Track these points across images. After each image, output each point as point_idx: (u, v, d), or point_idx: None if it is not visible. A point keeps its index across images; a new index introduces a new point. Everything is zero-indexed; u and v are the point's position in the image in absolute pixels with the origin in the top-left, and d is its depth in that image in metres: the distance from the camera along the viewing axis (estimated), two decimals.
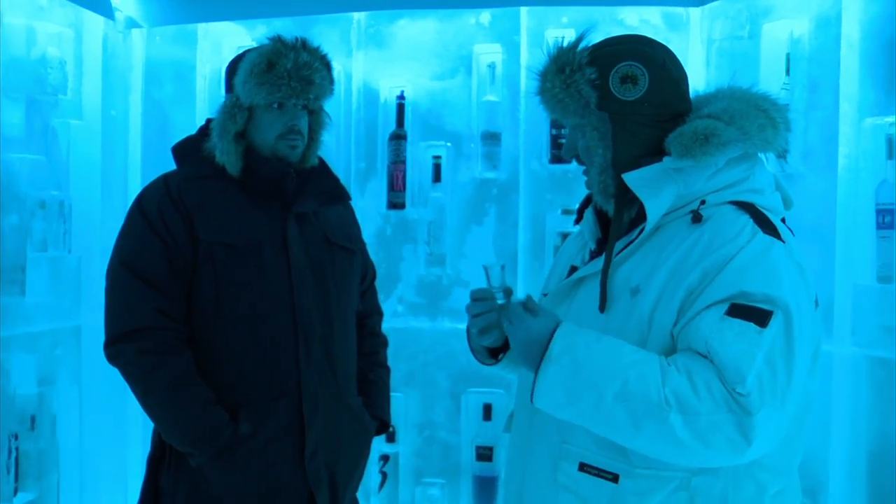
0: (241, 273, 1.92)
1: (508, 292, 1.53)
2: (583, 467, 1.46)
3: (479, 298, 1.53)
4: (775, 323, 1.33)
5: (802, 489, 2.36)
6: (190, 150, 2.00)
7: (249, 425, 1.91)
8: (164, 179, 1.98)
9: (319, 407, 1.97)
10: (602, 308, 1.46)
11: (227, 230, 1.92)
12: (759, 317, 1.34)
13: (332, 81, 1.98)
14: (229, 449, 1.89)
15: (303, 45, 1.93)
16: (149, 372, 1.87)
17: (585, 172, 1.56)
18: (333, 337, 1.99)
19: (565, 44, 1.51)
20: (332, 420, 2.00)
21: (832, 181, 2.37)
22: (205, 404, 1.88)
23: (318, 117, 2.02)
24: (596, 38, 1.52)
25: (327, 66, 1.96)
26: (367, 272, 2.23)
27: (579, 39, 1.51)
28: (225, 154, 1.93)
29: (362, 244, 2.20)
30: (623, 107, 1.47)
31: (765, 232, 1.39)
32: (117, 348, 1.90)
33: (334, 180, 2.10)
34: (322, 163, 2.07)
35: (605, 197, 1.49)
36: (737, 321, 1.33)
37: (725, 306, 1.34)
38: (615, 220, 1.49)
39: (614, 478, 1.43)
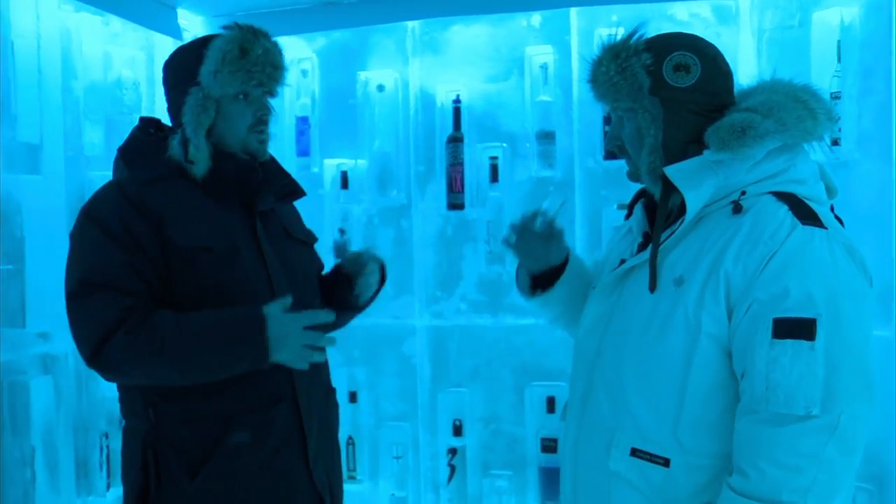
0: (223, 276, 1.77)
1: (555, 231, 1.73)
2: (634, 452, 1.50)
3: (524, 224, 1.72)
4: (822, 329, 1.35)
5: (867, 475, 2.37)
6: (141, 152, 1.84)
7: (247, 434, 1.77)
8: (118, 185, 1.79)
9: (314, 409, 1.88)
10: (652, 288, 1.51)
11: (203, 233, 1.77)
12: (806, 329, 1.36)
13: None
14: (229, 463, 1.75)
15: (262, 32, 1.79)
16: (150, 338, 1.67)
17: (629, 162, 1.60)
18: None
19: (619, 36, 1.56)
20: (324, 419, 1.93)
21: (888, 167, 2.35)
22: (219, 314, 1.70)
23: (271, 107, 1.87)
24: (648, 33, 1.56)
25: (281, 51, 1.83)
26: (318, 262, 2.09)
27: (634, 31, 1.55)
28: (198, 151, 1.77)
29: (314, 236, 2.06)
30: (675, 93, 1.51)
31: (804, 223, 1.41)
32: (103, 355, 1.68)
33: (288, 175, 1.95)
34: (272, 157, 1.92)
35: (653, 178, 1.54)
36: (788, 343, 1.36)
37: (770, 327, 1.37)
38: (661, 203, 1.54)
39: (665, 462, 1.48)
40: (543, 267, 1.78)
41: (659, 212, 1.54)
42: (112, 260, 1.69)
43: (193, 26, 3.08)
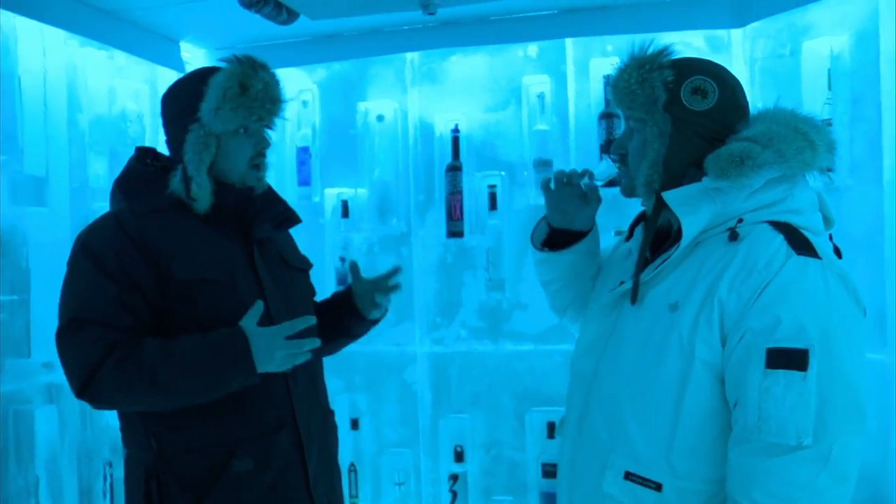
0: (222, 306, 1.77)
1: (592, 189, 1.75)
2: (628, 476, 1.51)
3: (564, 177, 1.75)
4: (814, 360, 1.36)
5: (865, 499, 2.38)
6: (139, 183, 1.84)
7: (250, 460, 1.78)
8: (115, 217, 1.78)
9: (313, 433, 1.89)
10: (633, 300, 1.54)
11: (201, 265, 1.78)
12: (798, 360, 1.37)
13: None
14: (233, 490, 1.76)
15: (261, 64, 1.80)
16: (138, 368, 1.67)
17: (625, 174, 1.63)
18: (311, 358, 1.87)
19: (645, 49, 1.58)
20: (324, 442, 1.94)
21: (879, 191, 2.38)
22: (202, 338, 1.71)
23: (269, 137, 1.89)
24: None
25: (279, 82, 1.84)
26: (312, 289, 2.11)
27: (665, 48, 1.58)
28: (201, 188, 1.78)
29: (310, 263, 2.07)
30: (687, 114, 1.54)
31: (798, 253, 1.43)
32: (91, 388, 1.69)
33: (283, 203, 1.97)
34: (269, 185, 1.94)
35: (648, 191, 1.56)
36: (780, 373, 1.37)
37: (763, 356, 1.38)
38: (652, 218, 1.57)
39: (658, 486, 1.48)
40: (565, 226, 1.78)
41: (648, 226, 1.57)
42: (103, 295, 1.69)
43: (196, 59, 3.14)
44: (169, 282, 1.73)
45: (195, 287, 1.75)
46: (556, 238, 1.81)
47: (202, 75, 1.80)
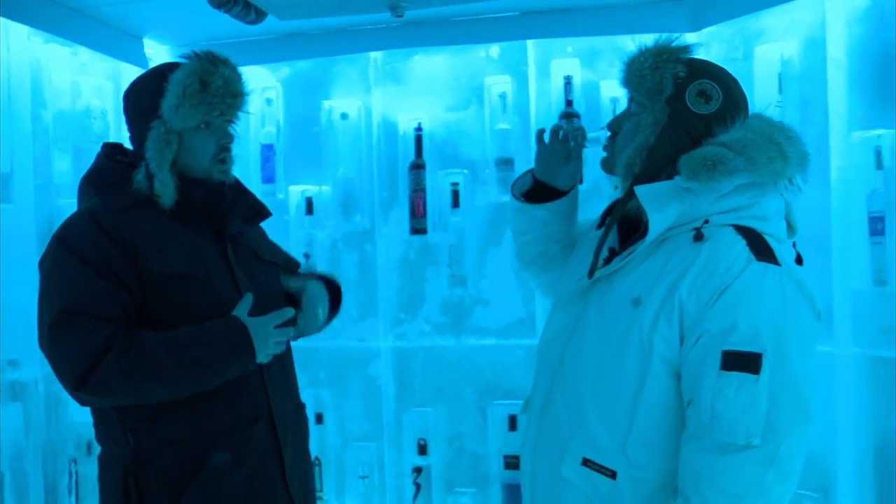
0: (198, 301, 1.81)
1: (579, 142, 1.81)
2: (586, 462, 1.58)
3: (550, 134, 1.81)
4: (766, 364, 1.43)
5: (812, 484, 2.50)
6: (110, 179, 1.85)
7: (228, 454, 1.81)
8: (90, 213, 1.80)
9: (287, 425, 1.93)
10: (590, 275, 1.62)
11: (176, 260, 1.80)
12: (752, 363, 1.43)
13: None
14: (211, 483, 1.79)
15: (221, 59, 1.82)
16: (141, 360, 1.70)
17: (609, 151, 1.69)
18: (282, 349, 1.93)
19: (674, 42, 1.63)
20: (297, 434, 1.98)
21: (826, 192, 2.50)
22: (201, 329, 1.75)
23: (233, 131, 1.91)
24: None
25: (240, 76, 1.86)
26: (291, 264, 2.14)
27: (688, 46, 1.63)
28: (164, 185, 1.80)
29: (282, 254, 2.11)
30: (685, 112, 1.58)
31: (759, 258, 1.48)
32: (91, 382, 1.70)
33: (253, 197, 2.00)
34: (236, 179, 1.96)
35: (627, 172, 1.62)
36: (734, 375, 1.43)
37: (718, 358, 1.44)
38: (621, 202, 1.62)
39: (612, 474, 1.55)
40: (548, 180, 1.83)
41: (616, 209, 1.63)
42: (91, 288, 1.71)
43: (159, 56, 3.14)
44: (146, 277, 1.75)
45: (172, 282, 1.77)
46: (537, 193, 1.86)
47: (162, 72, 1.82)
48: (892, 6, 2.33)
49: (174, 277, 1.78)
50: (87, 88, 2.83)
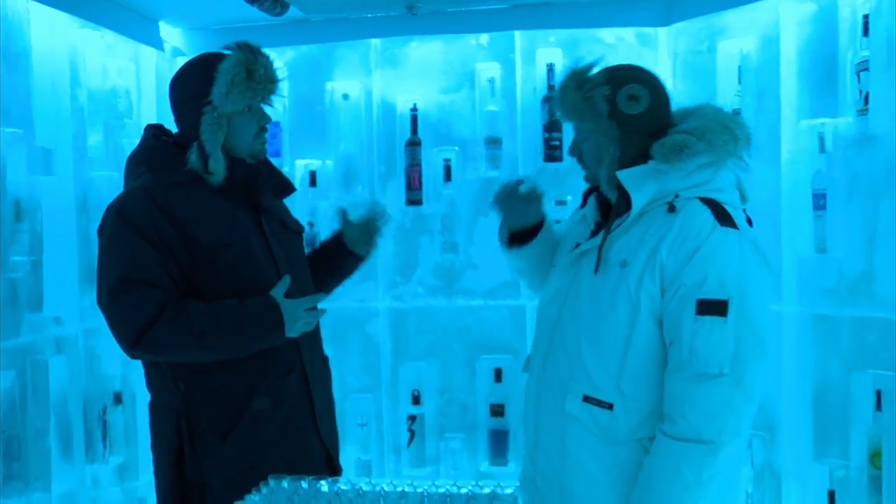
0: (240, 269, 2.00)
1: (536, 194, 2.02)
2: (586, 399, 1.84)
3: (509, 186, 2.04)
4: (732, 307, 1.71)
5: (761, 425, 2.83)
6: (163, 158, 2.04)
7: (267, 400, 2.02)
8: (144, 189, 1.98)
9: (317, 376, 2.14)
10: (596, 270, 1.85)
11: (222, 232, 1.99)
12: (720, 308, 1.71)
13: None
14: (253, 426, 2.01)
15: (258, 49, 2.01)
16: (189, 327, 1.91)
17: (585, 168, 1.93)
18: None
19: (578, 66, 1.86)
20: (324, 384, 2.21)
21: (777, 171, 2.76)
22: (242, 304, 1.96)
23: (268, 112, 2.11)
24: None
25: (274, 64, 2.06)
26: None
27: (592, 65, 1.87)
28: (217, 163, 1.98)
29: (302, 226, 2.33)
30: (628, 118, 1.83)
31: (722, 224, 1.76)
32: (144, 343, 1.91)
33: (281, 174, 2.19)
34: (267, 158, 2.17)
35: (611, 187, 1.87)
36: (707, 318, 1.70)
37: (694, 305, 1.71)
38: (616, 205, 1.87)
39: (610, 406, 1.82)
40: (522, 225, 2.07)
41: (613, 212, 1.88)
42: (146, 258, 1.92)
43: (173, 38, 3.35)
44: (193, 246, 1.96)
45: (217, 251, 1.98)
46: (517, 236, 2.10)
47: (209, 62, 2.02)
48: (836, 14, 2.59)
49: (218, 247, 1.98)
50: (113, 69, 3.01)
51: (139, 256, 1.93)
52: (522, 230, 2.09)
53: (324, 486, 1.67)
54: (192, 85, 2.04)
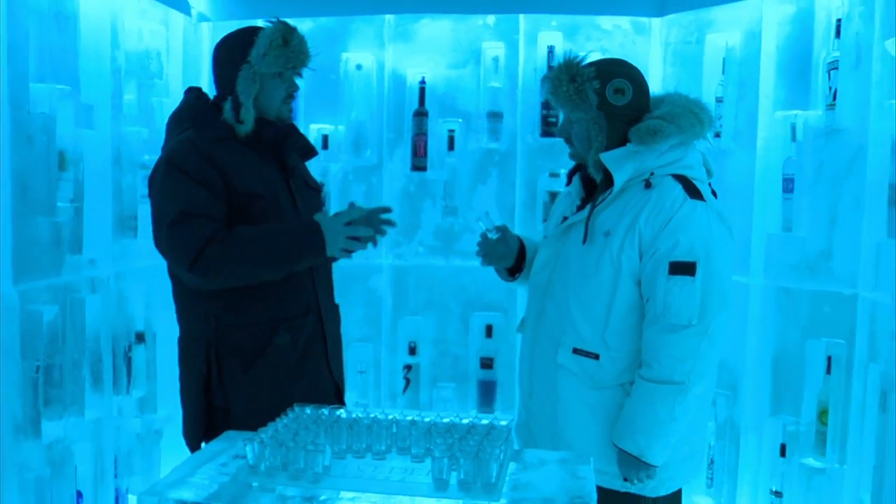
0: (269, 218, 2.17)
1: (500, 229, 2.26)
2: (575, 351, 2.10)
3: (483, 240, 2.30)
4: (699, 269, 1.97)
5: (725, 384, 3.11)
6: (204, 115, 2.22)
7: (287, 336, 2.21)
8: (189, 141, 2.16)
9: (329, 318, 2.31)
10: (584, 241, 2.09)
11: (255, 182, 2.17)
12: (689, 269, 1.96)
13: None
14: (274, 359, 2.20)
15: (294, 28, 2.23)
16: (240, 245, 2.10)
17: (572, 148, 2.15)
18: (327, 259, 2.32)
19: (571, 58, 2.07)
20: (336, 326, 2.39)
21: (752, 156, 2.99)
22: (284, 224, 2.19)
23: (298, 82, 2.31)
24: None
25: (306, 41, 2.27)
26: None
27: (582, 58, 2.08)
28: (248, 113, 2.16)
29: (319, 184, 2.51)
30: (614, 109, 2.07)
31: (691, 197, 2.01)
32: (202, 261, 2.08)
33: (305, 138, 2.35)
34: (293, 124, 2.35)
35: (597, 169, 2.11)
36: (678, 278, 1.95)
37: (667, 267, 1.96)
38: (601, 185, 2.12)
39: (596, 356, 2.08)
40: (511, 262, 2.33)
41: (598, 191, 2.13)
42: (199, 196, 2.13)
43: (199, 3, 3.55)
44: (231, 193, 2.16)
45: (250, 200, 2.17)
46: (511, 267, 2.36)
47: (251, 31, 2.25)
48: (812, 16, 2.82)
49: (252, 196, 2.18)
50: (146, 32, 3.20)
51: (192, 194, 2.12)
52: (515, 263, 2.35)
53: (343, 413, 1.89)
54: (234, 47, 2.25)
